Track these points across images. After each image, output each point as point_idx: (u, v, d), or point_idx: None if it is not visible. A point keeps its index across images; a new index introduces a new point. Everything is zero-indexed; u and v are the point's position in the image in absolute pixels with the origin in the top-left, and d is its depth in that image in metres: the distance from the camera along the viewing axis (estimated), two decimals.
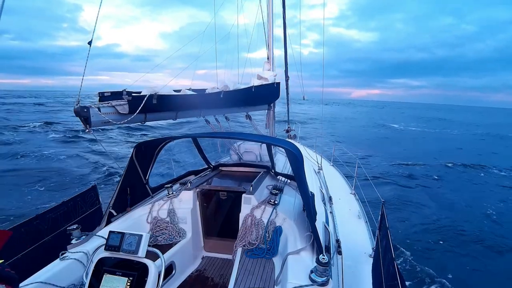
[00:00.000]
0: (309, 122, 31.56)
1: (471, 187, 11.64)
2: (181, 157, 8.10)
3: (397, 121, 46.85)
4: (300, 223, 2.47)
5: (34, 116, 30.78)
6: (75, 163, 12.69)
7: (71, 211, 3.41)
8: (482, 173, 13.83)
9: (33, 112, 36.78)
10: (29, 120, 26.69)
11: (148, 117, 2.72)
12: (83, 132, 13.91)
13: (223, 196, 3.44)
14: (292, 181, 3.54)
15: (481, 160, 16.09)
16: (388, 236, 2.10)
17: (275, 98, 5.30)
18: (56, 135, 20.05)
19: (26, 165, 12.44)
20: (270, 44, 5.93)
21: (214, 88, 3.58)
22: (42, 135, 20.09)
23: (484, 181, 12.48)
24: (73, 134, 19.90)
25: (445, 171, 13.89)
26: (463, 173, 13.63)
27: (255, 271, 2.26)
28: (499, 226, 7.88)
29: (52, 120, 27.37)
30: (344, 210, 4.39)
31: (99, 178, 10.45)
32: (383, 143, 22.72)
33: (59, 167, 11.91)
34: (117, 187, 2.85)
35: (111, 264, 1.85)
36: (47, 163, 12.80)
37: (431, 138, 28.22)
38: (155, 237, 2.83)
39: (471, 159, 16.14)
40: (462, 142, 25.36)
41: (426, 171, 13.46)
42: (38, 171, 11.27)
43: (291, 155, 2.05)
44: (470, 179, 12.68)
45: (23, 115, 33.20)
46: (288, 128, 8.62)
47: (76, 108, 2.14)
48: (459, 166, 14.73)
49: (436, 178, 12.45)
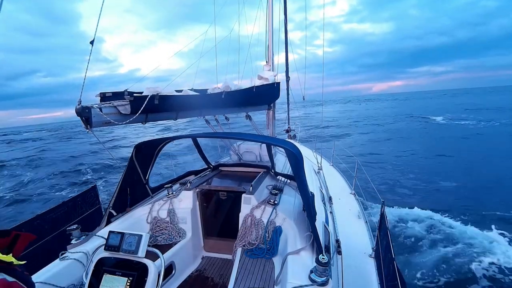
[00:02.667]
0: (340, 135, 23.80)
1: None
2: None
3: (436, 112, 37.35)
4: (300, 223, 2.47)
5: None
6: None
7: (71, 211, 3.42)
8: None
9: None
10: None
11: (149, 117, 2.72)
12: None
13: (223, 196, 3.44)
14: (292, 181, 3.54)
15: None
16: (388, 236, 2.10)
17: (275, 98, 5.31)
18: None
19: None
20: (270, 44, 5.95)
21: (215, 89, 3.59)
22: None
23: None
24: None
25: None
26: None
27: (255, 271, 2.26)
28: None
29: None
30: (344, 210, 4.40)
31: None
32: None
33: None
34: (117, 187, 2.85)
35: (111, 264, 1.85)
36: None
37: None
38: (155, 237, 2.84)
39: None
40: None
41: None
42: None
43: (291, 155, 2.06)
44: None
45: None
46: (288, 128, 8.64)
47: (78, 108, 2.14)
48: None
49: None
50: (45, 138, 50.70)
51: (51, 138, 48.65)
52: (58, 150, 28.00)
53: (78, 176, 15.14)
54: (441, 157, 14.17)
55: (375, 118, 37.14)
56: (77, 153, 23.62)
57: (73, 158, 21.20)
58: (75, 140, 38.76)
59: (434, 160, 13.88)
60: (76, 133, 51.91)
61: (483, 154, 14.37)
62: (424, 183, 10.52)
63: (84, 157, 21.25)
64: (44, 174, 16.25)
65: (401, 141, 19.48)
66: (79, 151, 24.42)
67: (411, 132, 23.33)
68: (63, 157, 22.59)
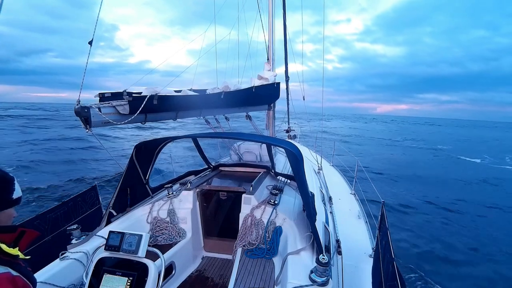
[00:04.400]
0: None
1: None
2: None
3: (469, 151, 27.00)
4: (300, 223, 2.47)
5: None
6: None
7: (71, 211, 3.41)
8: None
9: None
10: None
11: (148, 117, 2.72)
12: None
13: (223, 196, 3.44)
14: (292, 181, 3.54)
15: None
16: (388, 236, 2.10)
17: (275, 98, 5.31)
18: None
19: None
20: (270, 45, 5.95)
21: (215, 89, 3.59)
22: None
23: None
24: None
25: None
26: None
27: (255, 271, 2.26)
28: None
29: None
30: (344, 210, 4.40)
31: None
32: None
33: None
34: (117, 187, 2.85)
35: (111, 264, 1.85)
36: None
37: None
38: (155, 237, 2.84)
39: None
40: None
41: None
42: None
43: (291, 155, 2.06)
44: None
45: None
46: (288, 128, 8.63)
47: (77, 108, 2.14)
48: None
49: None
50: (30, 117, 44.95)
51: (36, 120, 40.47)
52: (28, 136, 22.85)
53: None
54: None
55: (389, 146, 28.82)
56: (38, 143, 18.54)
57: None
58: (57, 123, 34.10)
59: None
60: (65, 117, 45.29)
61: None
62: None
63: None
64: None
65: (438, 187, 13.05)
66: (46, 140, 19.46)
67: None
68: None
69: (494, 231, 8.08)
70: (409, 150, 26.47)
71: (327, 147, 8.62)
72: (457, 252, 6.73)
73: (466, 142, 39.98)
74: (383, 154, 22.37)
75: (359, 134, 42.76)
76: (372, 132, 47.52)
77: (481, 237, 7.63)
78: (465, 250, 6.86)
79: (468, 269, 6.07)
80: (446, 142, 36.32)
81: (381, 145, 29.54)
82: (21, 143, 19.58)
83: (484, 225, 8.54)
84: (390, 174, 14.82)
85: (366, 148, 26.09)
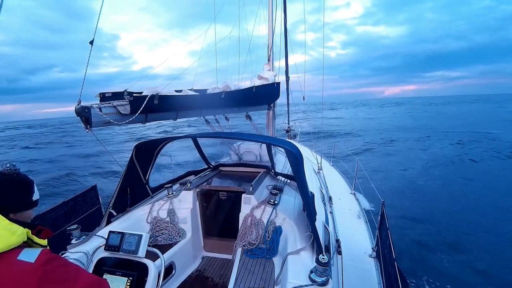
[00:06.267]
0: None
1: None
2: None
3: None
4: (300, 223, 2.47)
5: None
6: None
7: (71, 211, 3.42)
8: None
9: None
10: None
11: (149, 117, 2.72)
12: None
13: (223, 196, 3.44)
14: (292, 181, 3.54)
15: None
16: (388, 236, 2.10)
17: (275, 98, 5.31)
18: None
19: None
20: (270, 45, 5.95)
21: (215, 88, 3.58)
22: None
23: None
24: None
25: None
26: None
27: (255, 271, 2.26)
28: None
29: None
30: (344, 210, 4.40)
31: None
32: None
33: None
34: (117, 187, 2.85)
35: (111, 264, 1.85)
36: None
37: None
38: (155, 237, 2.84)
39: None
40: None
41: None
42: None
43: (291, 155, 2.06)
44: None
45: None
46: (288, 128, 8.64)
47: (77, 108, 2.14)
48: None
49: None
50: (24, 137, 40.75)
51: (33, 137, 38.31)
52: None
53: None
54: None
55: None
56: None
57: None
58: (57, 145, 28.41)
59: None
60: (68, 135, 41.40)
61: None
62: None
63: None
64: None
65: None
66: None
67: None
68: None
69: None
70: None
71: (327, 147, 8.62)
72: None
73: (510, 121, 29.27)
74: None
75: (387, 128, 28.27)
76: (403, 127, 28.95)
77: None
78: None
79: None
80: (489, 125, 26.43)
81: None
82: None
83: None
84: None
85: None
